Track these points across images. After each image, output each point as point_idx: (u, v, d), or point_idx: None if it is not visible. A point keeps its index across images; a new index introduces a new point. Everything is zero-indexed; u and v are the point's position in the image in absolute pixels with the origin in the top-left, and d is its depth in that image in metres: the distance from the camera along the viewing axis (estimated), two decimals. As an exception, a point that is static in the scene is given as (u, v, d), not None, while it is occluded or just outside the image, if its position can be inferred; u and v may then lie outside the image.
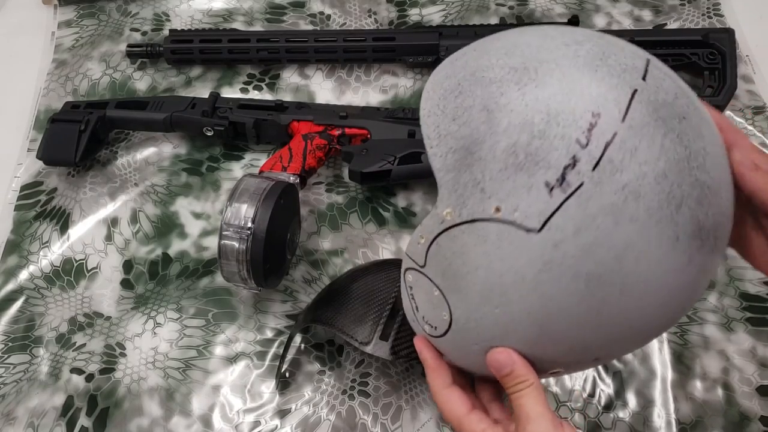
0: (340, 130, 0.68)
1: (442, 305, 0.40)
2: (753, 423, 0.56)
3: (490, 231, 0.37)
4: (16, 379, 0.60)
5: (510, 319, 0.38)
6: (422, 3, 0.84)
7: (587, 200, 0.35)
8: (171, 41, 0.77)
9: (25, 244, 0.67)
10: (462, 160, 0.38)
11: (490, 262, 0.37)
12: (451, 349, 0.43)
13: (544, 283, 0.36)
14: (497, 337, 0.39)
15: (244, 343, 0.61)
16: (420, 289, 0.42)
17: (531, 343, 0.38)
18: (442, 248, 0.39)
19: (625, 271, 0.35)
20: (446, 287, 0.40)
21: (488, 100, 0.38)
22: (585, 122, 0.35)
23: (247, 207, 0.55)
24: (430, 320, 0.42)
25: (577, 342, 0.38)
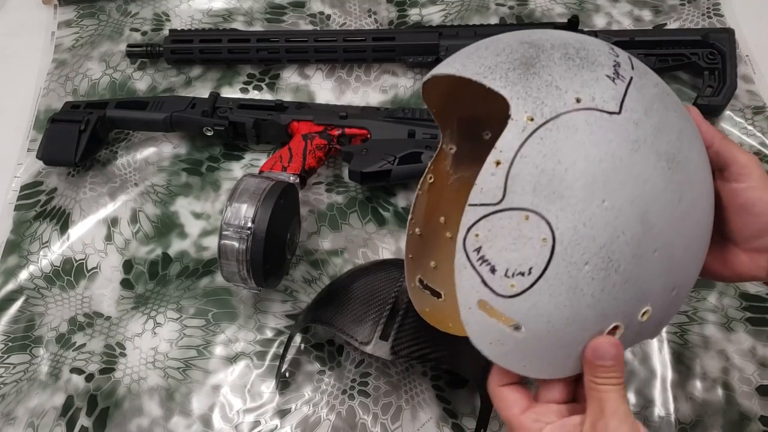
0: (340, 130, 0.68)
1: (538, 228, 0.37)
2: (753, 423, 0.56)
3: (578, 120, 0.38)
4: (16, 379, 0.60)
5: (618, 214, 0.37)
6: (422, 3, 0.84)
7: (641, 88, 0.40)
8: (171, 41, 0.77)
9: (25, 244, 0.67)
10: (525, 72, 0.40)
11: (587, 150, 0.37)
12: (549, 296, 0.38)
13: (638, 163, 0.38)
14: (607, 244, 0.37)
15: (244, 343, 0.61)
16: (498, 235, 0.38)
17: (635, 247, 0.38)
18: (528, 158, 0.38)
19: (686, 154, 0.40)
20: (541, 201, 0.37)
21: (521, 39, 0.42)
22: (606, 46, 0.42)
23: (247, 207, 0.55)
24: (519, 266, 0.38)
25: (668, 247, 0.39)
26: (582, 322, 0.38)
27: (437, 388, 0.58)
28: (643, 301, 0.39)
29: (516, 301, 0.38)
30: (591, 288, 0.37)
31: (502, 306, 0.39)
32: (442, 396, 0.58)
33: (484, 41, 0.44)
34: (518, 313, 0.38)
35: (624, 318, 0.39)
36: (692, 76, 0.76)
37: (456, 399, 0.58)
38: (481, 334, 0.40)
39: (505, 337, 0.39)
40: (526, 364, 0.41)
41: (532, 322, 0.39)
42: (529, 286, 0.38)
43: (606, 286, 0.38)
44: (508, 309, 0.39)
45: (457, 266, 0.40)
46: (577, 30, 0.74)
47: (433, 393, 0.58)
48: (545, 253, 0.37)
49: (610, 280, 0.38)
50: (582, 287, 0.37)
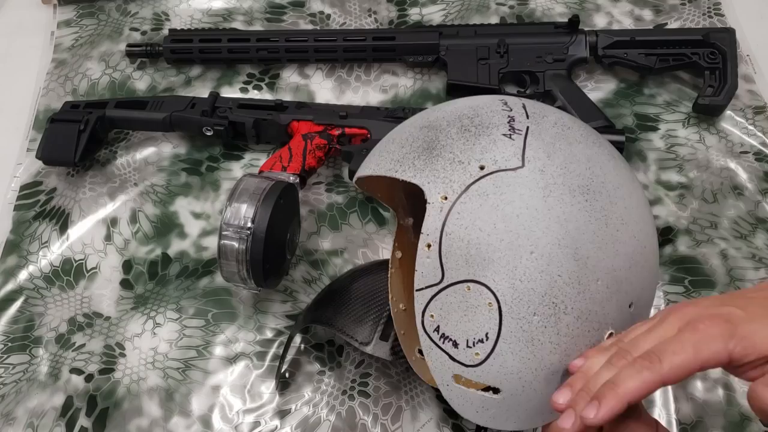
0: (340, 130, 0.68)
1: (481, 295, 0.39)
2: (753, 423, 0.56)
3: (487, 186, 0.40)
4: (15, 380, 0.60)
5: (548, 260, 0.39)
6: (422, 2, 0.84)
7: (539, 134, 0.42)
8: (170, 41, 0.77)
9: (24, 244, 0.67)
10: (429, 156, 0.42)
11: (502, 210, 0.39)
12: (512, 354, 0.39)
13: (554, 206, 0.40)
14: (548, 290, 0.39)
15: (244, 344, 0.61)
16: (449, 310, 0.40)
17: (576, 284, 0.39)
18: (453, 234, 0.40)
19: (601, 179, 0.42)
20: (476, 270, 0.39)
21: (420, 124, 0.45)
22: (498, 103, 0.45)
23: (247, 207, 0.55)
24: (476, 334, 0.40)
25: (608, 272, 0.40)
26: (549, 368, 0.40)
27: (438, 389, 0.58)
28: (602, 329, 0.41)
29: (485, 367, 0.40)
30: (547, 335, 0.39)
31: (474, 375, 0.41)
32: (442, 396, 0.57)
33: (391, 134, 0.48)
34: (490, 377, 0.41)
35: None
36: (693, 76, 0.76)
37: (456, 399, 0.57)
38: (466, 406, 0.43)
39: (487, 402, 0.42)
40: (515, 420, 0.43)
41: (506, 382, 0.41)
42: (491, 350, 0.40)
43: (560, 329, 0.39)
44: (480, 376, 0.41)
45: (424, 348, 0.42)
46: (577, 30, 0.74)
47: (433, 393, 0.58)
48: (495, 316, 0.39)
49: (562, 323, 0.39)
50: (539, 337, 0.39)
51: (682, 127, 0.73)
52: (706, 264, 0.64)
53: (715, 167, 0.70)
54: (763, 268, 0.63)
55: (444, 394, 0.43)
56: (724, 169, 0.70)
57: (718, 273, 0.63)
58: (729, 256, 0.64)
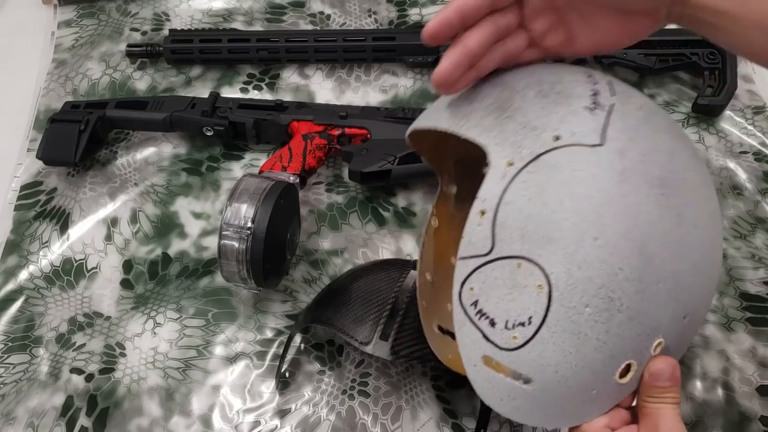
0: (340, 130, 0.68)
1: (532, 275, 0.36)
2: (753, 423, 0.56)
3: (560, 158, 0.36)
4: (15, 379, 0.60)
5: (613, 250, 0.35)
6: (422, 3, 0.84)
7: (624, 115, 0.38)
8: (171, 41, 0.77)
9: (24, 244, 0.67)
10: (499, 116, 0.39)
11: (572, 187, 0.36)
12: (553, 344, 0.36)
13: (628, 194, 0.36)
14: (606, 283, 0.35)
15: (244, 343, 0.61)
16: (493, 286, 0.37)
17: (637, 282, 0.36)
18: (513, 204, 0.36)
19: (681, 176, 0.38)
20: (532, 247, 0.36)
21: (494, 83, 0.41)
22: (583, 74, 0.41)
23: (247, 207, 0.55)
24: (518, 316, 0.37)
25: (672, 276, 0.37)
26: (591, 367, 0.37)
27: (437, 388, 0.58)
28: (653, 335, 0.37)
29: (521, 353, 0.37)
30: (595, 331, 0.36)
31: (507, 359, 0.37)
32: (442, 396, 0.58)
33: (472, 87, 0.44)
34: (525, 365, 0.37)
35: (635, 355, 0.37)
36: (692, 76, 0.76)
37: (456, 399, 0.58)
38: (490, 391, 0.39)
39: (515, 391, 0.38)
40: (540, 416, 0.39)
41: (540, 372, 0.37)
42: (531, 336, 0.36)
43: (611, 327, 0.36)
44: (514, 362, 0.37)
45: (456, 323, 0.38)
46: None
47: (433, 393, 0.58)
48: (543, 301, 0.36)
49: (614, 320, 0.36)
50: (586, 331, 0.36)
51: (682, 126, 0.73)
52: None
53: (715, 167, 0.70)
54: (762, 267, 0.63)
55: (469, 374, 0.39)
56: (723, 169, 0.70)
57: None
58: (728, 256, 0.64)
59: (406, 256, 0.65)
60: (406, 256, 0.65)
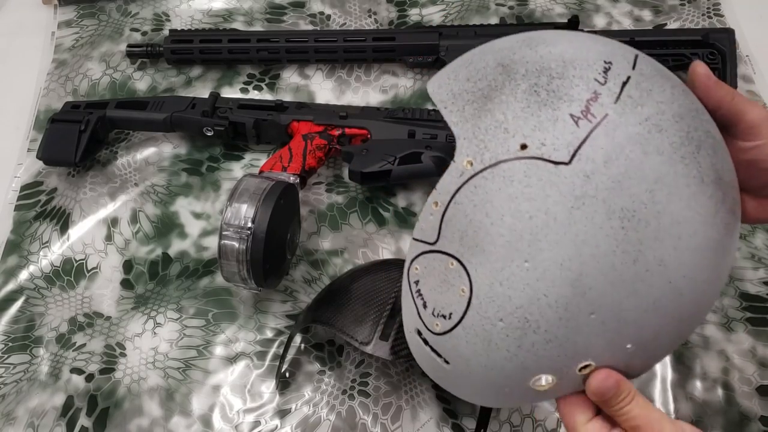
0: (340, 130, 0.68)
1: (460, 278, 0.37)
2: (753, 423, 0.56)
3: (517, 170, 0.35)
4: (16, 379, 0.60)
5: (540, 276, 0.34)
6: (422, 3, 0.84)
7: (614, 130, 0.35)
8: (171, 41, 0.77)
9: (25, 244, 0.67)
10: (481, 107, 0.37)
11: (518, 204, 0.35)
12: (466, 343, 0.38)
13: (577, 222, 0.34)
14: (525, 305, 0.35)
15: (244, 343, 0.61)
16: (430, 274, 0.39)
17: (562, 310, 0.35)
18: (461, 205, 0.36)
19: (659, 208, 0.34)
20: (466, 252, 0.36)
21: (503, 58, 0.39)
22: (599, 66, 0.37)
23: (247, 207, 0.55)
24: (442, 308, 0.38)
25: (611, 310, 0.35)
26: (501, 371, 0.38)
27: (437, 388, 0.58)
28: (576, 359, 0.36)
29: (440, 338, 0.39)
30: (506, 343, 0.36)
31: (431, 339, 0.40)
32: (442, 396, 0.58)
33: (477, 50, 0.42)
34: (443, 349, 0.39)
35: (553, 371, 0.37)
36: (692, 76, 0.76)
37: (456, 399, 0.58)
38: (421, 358, 0.42)
39: (438, 366, 0.41)
40: (462, 391, 0.41)
41: (455, 360, 0.39)
42: (449, 329, 0.38)
43: (523, 344, 0.36)
44: (435, 343, 0.40)
45: (404, 291, 0.41)
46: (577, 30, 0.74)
47: (433, 393, 0.58)
48: (463, 303, 0.37)
49: (527, 339, 0.36)
50: (496, 341, 0.37)
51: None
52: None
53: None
54: (762, 267, 0.63)
55: (407, 338, 0.43)
56: (723, 170, 0.70)
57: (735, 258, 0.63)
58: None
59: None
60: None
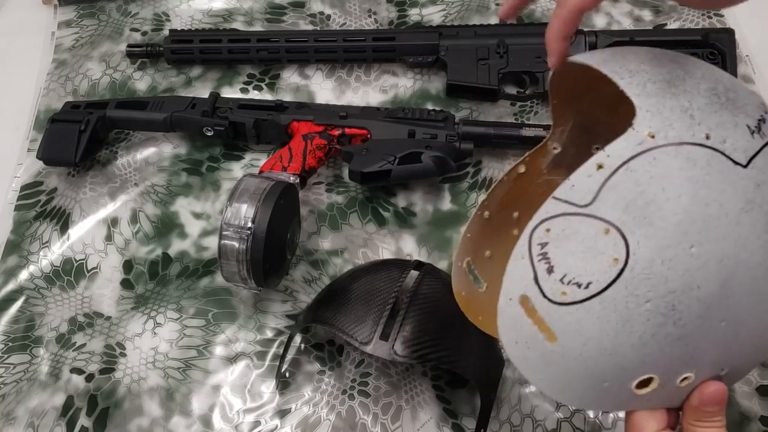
0: (340, 130, 0.68)
1: (615, 246, 0.35)
2: (753, 423, 0.56)
3: (700, 156, 0.35)
4: (16, 379, 0.60)
5: (701, 266, 0.34)
6: (422, 3, 0.84)
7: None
8: (171, 41, 0.77)
9: (25, 244, 0.67)
10: (665, 89, 0.38)
11: (697, 189, 0.35)
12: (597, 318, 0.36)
13: (743, 224, 0.35)
14: (678, 291, 0.35)
15: (244, 343, 0.61)
16: (570, 237, 0.36)
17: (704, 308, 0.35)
18: (634, 173, 0.35)
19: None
20: (629, 221, 0.35)
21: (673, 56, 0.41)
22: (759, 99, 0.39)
23: (247, 207, 0.55)
24: (578, 276, 0.36)
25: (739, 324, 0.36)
26: (618, 359, 0.36)
27: (437, 388, 0.58)
28: (688, 366, 0.36)
29: (561, 309, 0.36)
30: (642, 328, 0.35)
31: (545, 310, 0.37)
32: (442, 396, 0.58)
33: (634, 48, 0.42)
34: (559, 322, 0.36)
35: (662, 374, 0.36)
36: (692, 76, 0.76)
37: (456, 399, 0.58)
38: (511, 331, 0.38)
39: (535, 342, 0.37)
40: (543, 377, 0.38)
41: (568, 338, 0.36)
42: (580, 300, 0.36)
43: (657, 334, 0.35)
44: (549, 315, 0.36)
45: (515, 254, 0.38)
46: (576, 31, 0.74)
47: (433, 393, 0.58)
48: (611, 274, 0.35)
49: (664, 330, 0.35)
50: (633, 324, 0.35)
51: None
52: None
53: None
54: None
55: (500, 305, 0.38)
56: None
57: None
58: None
59: (406, 256, 0.65)
60: (406, 256, 0.65)
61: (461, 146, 0.67)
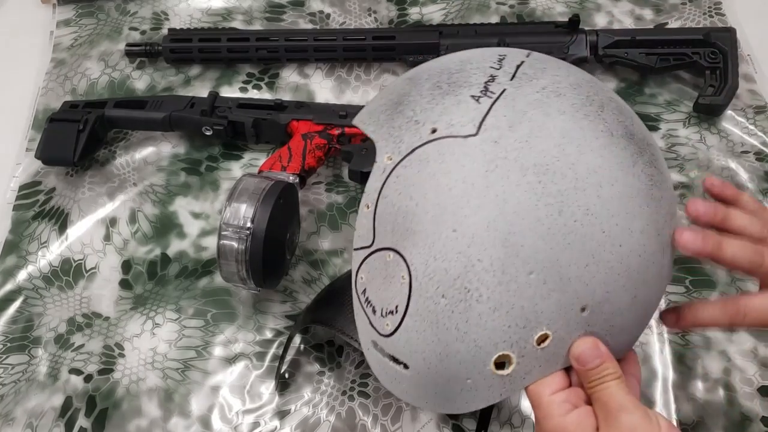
0: (340, 130, 0.68)
1: (398, 266, 0.37)
2: (754, 424, 0.56)
3: (430, 151, 0.38)
4: (14, 380, 0.60)
5: (471, 241, 0.35)
6: (422, 2, 0.84)
7: (513, 100, 0.38)
8: (170, 40, 0.77)
9: (23, 244, 0.67)
10: (393, 112, 0.41)
11: (437, 180, 0.37)
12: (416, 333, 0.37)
13: (494, 183, 0.36)
14: (462, 274, 0.36)
15: (244, 344, 0.61)
16: (374, 276, 0.39)
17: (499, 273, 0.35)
18: (387, 198, 0.38)
19: (571, 159, 0.36)
20: (399, 239, 0.37)
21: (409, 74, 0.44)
22: (494, 58, 0.41)
23: (247, 207, 0.55)
24: (388, 304, 0.38)
25: (550, 266, 0.35)
26: (455, 356, 0.37)
27: (437, 389, 0.58)
28: (530, 327, 0.36)
29: (392, 339, 0.39)
30: (453, 321, 0.36)
31: (386, 345, 0.39)
32: (443, 397, 0.57)
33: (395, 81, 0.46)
34: (398, 351, 0.39)
35: (510, 347, 0.36)
36: (694, 76, 0.76)
37: (456, 400, 0.57)
38: (382, 373, 0.41)
39: (398, 374, 0.40)
40: (427, 400, 0.40)
41: (412, 359, 0.38)
42: (398, 325, 0.38)
43: (470, 317, 0.36)
44: (389, 347, 0.39)
45: (355, 307, 0.42)
46: (577, 30, 0.74)
47: (433, 394, 0.58)
48: (405, 291, 0.37)
49: (473, 311, 0.36)
50: (443, 321, 0.37)
51: (683, 126, 0.73)
52: (707, 264, 0.64)
53: (716, 167, 0.70)
54: (763, 268, 0.63)
55: (366, 357, 0.42)
56: (724, 169, 0.70)
57: (718, 273, 0.63)
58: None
59: (406, 256, 0.65)
60: (406, 256, 0.65)
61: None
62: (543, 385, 0.37)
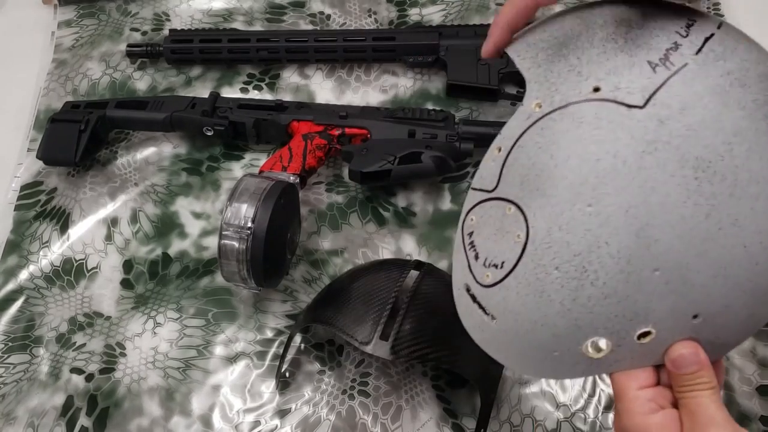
0: (340, 130, 0.68)
1: (516, 223, 0.35)
2: (753, 423, 0.56)
3: (587, 112, 0.34)
4: (16, 379, 0.60)
5: (604, 222, 0.33)
6: (422, 3, 0.84)
7: (692, 79, 0.34)
8: (171, 41, 0.77)
9: (25, 243, 0.67)
10: (555, 54, 0.36)
11: (585, 147, 0.33)
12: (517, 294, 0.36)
13: (647, 168, 0.32)
14: (584, 252, 0.33)
15: (244, 343, 0.61)
16: (486, 222, 0.37)
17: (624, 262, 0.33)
18: (525, 148, 0.35)
19: (737, 162, 0.32)
20: (525, 196, 0.35)
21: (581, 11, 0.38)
22: (683, 22, 0.35)
23: (247, 207, 0.55)
24: (495, 257, 0.36)
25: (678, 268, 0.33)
26: (552, 329, 0.36)
27: (437, 388, 0.58)
28: (637, 322, 0.34)
29: (489, 291, 0.37)
30: (560, 296, 0.35)
31: (480, 293, 0.38)
32: (442, 396, 0.58)
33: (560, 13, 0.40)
34: (490, 303, 0.37)
35: (610, 335, 0.35)
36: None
37: (456, 399, 0.58)
38: (467, 317, 0.40)
39: (484, 324, 0.38)
40: (506, 356, 0.39)
41: (502, 315, 0.37)
42: (499, 280, 0.36)
43: (579, 297, 0.35)
44: (483, 297, 0.38)
45: (455, 246, 0.40)
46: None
47: (433, 393, 0.58)
48: (517, 250, 0.36)
49: (584, 292, 0.34)
50: (550, 293, 0.35)
51: None
52: None
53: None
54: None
55: (455, 297, 0.40)
56: None
57: None
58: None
59: (406, 256, 0.65)
60: (406, 256, 0.65)
61: (461, 146, 0.67)
62: (630, 378, 0.36)
